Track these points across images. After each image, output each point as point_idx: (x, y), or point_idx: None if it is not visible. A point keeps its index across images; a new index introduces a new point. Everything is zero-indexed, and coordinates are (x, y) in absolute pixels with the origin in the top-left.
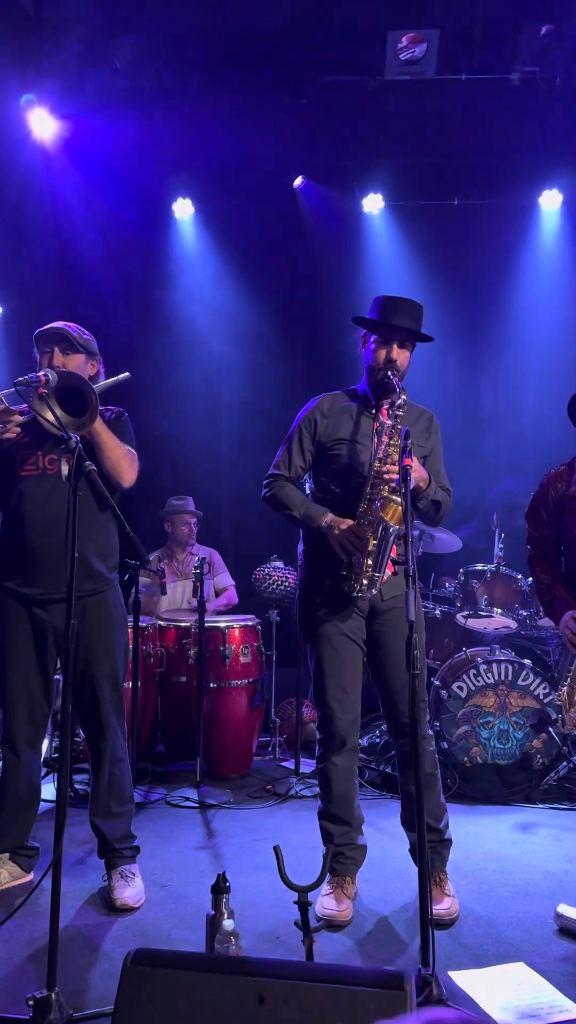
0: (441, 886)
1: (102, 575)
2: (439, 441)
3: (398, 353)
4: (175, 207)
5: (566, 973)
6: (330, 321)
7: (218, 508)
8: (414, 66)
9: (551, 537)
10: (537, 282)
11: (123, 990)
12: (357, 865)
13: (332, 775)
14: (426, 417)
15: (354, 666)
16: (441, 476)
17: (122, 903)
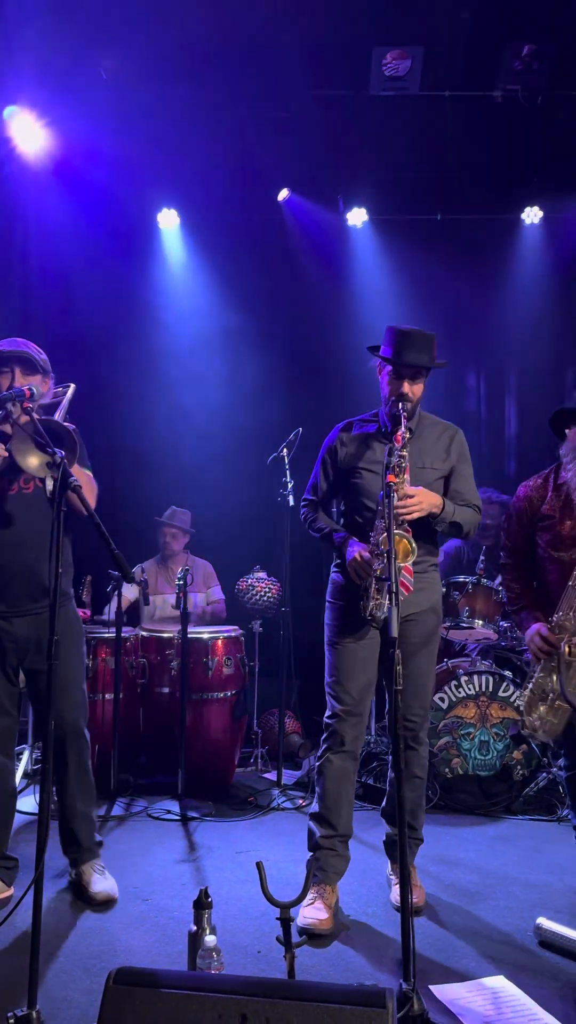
0: (411, 878)
1: (61, 590)
2: (464, 457)
3: (409, 387)
4: (160, 217)
5: (546, 986)
6: (315, 333)
7: (202, 519)
8: (398, 82)
9: (524, 549)
10: (518, 296)
11: (105, 1010)
12: (339, 874)
13: (327, 773)
14: (448, 435)
15: (362, 672)
16: (466, 493)
17: (105, 895)
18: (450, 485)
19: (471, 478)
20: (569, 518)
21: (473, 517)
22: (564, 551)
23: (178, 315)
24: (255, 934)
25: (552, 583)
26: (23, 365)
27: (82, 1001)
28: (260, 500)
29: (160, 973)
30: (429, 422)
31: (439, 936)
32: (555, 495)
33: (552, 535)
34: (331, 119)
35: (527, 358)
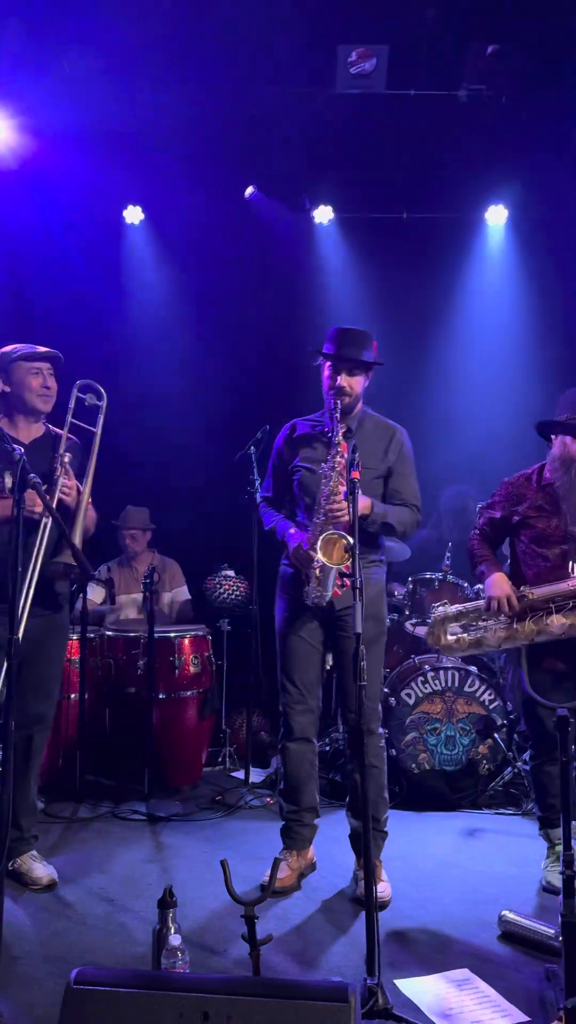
0: (376, 871)
1: (63, 594)
2: (403, 457)
3: (346, 380)
4: (125, 214)
5: (509, 977)
6: (282, 330)
7: (169, 517)
8: (364, 80)
9: (496, 531)
10: (483, 295)
11: (66, 1012)
12: (306, 840)
13: (285, 758)
14: (388, 434)
15: (307, 664)
16: (404, 492)
17: (49, 878)
18: (388, 485)
19: (411, 477)
20: (555, 517)
21: (410, 517)
22: (548, 548)
23: (143, 312)
24: (221, 932)
25: (531, 577)
26: (55, 366)
27: (46, 1004)
28: (227, 498)
29: (121, 973)
30: (372, 422)
31: (405, 930)
32: (541, 494)
33: (536, 532)
34: (297, 116)
35: (492, 356)
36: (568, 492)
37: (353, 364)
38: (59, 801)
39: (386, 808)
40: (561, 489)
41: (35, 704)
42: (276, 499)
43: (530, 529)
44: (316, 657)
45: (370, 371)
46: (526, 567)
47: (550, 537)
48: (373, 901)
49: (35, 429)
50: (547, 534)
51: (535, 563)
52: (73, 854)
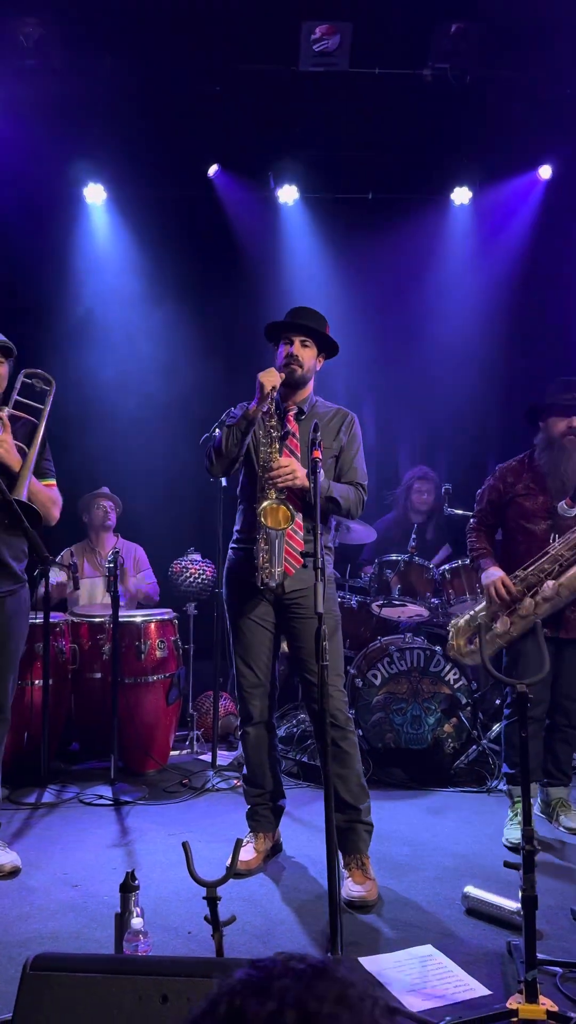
0: (363, 869)
1: (18, 575)
2: (353, 438)
3: (299, 349)
4: (86, 192)
5: (472, 952)
6: (248, 311)
7: (134, 502)
8: (328, 58)
9: (492, 519)
10: (448, 277)
11: (22, 997)
12: (271, 823)
13: (246, 743)
14: (339, 417)
15: (260, 647)
16: (351, 472)
17: (12, 866)
18: (337, 464)
19: (358, 459)
20: (542, 495)
21: (355, 495)
22: (534, 524)
23: (106, 292)
24: (186, 915)
25: (521, 553)
26: (6, 354)
27: (7, 991)
28: (192, 482)
29: (79, 958)
30: (323, 406)
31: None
32: (531, 475)
33: (524, 510)
34: (261, 94)
35: (457, 337)
36: (552, 469)
37: (304, 331)
38: (24, 787)
39: (367, 797)
40: (545, 467)
41: None
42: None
43: (518, 507)
44: (269, 639)
45: (322, 353)
46: (516, 543)
47: (536, 513)
48: (336, 877)
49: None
50: (533, 510)
51: (524, 539)
52: (38, 840)
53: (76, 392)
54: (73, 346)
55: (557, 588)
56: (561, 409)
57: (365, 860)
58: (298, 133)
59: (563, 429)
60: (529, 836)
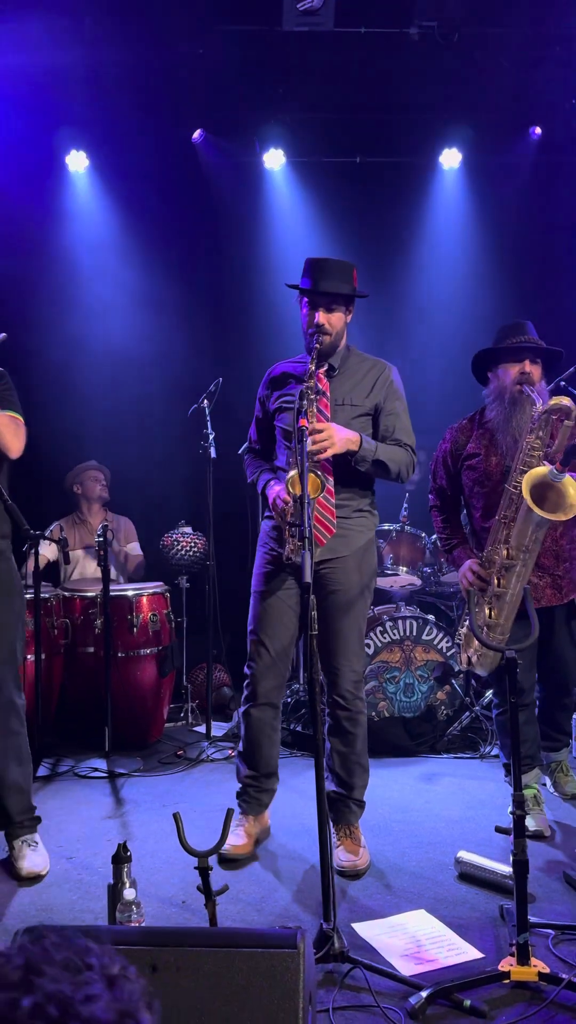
0: (353, 837)
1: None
2: (392, 394)
3: (325, 316)
4: (68, 159)
5: (464, 916)
6: (235, 279)
7: (124, 474)
8: (312, 17)
9: (450, 490)
10: (438, 242)
11: None
12: (262, 806)
13: (247, 723)
14: (376, 371)
15: (279, 625)
16: (398, 431)
17: (28, 871)
18: (378, 424)
19: (403, 416)
20: (494, 455)
21: (404, 457)
22: (490, 487)
23: (90, 262)
24: (180, 885)
25: (478, 520)
26: None
27: None
28: (182, 453)
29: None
30: (357, 359)
31: (364, 875)
32: (481, 433)
33: (478, 473)
34: (244, 56)
35: (449, 301)
36: (504, 424)
37: (331, 299)
38: None
39: (364, 777)
40: (497, 421)
41: None
42: (262, 448)
43: (473, 471)
44: (291, 619)
45: (352, 304)
46: (475, 509)
47: (492, 476)
48: (327, 844)
49: None
50: (489, 473)
51: (479, 504)
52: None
53: (61, 361)
54: (57, 314)
55: (508, 552)
56: (510, 354)
57: (354, 829)
58: (283, 96)
59: (515, 376)
60: (520, 801)
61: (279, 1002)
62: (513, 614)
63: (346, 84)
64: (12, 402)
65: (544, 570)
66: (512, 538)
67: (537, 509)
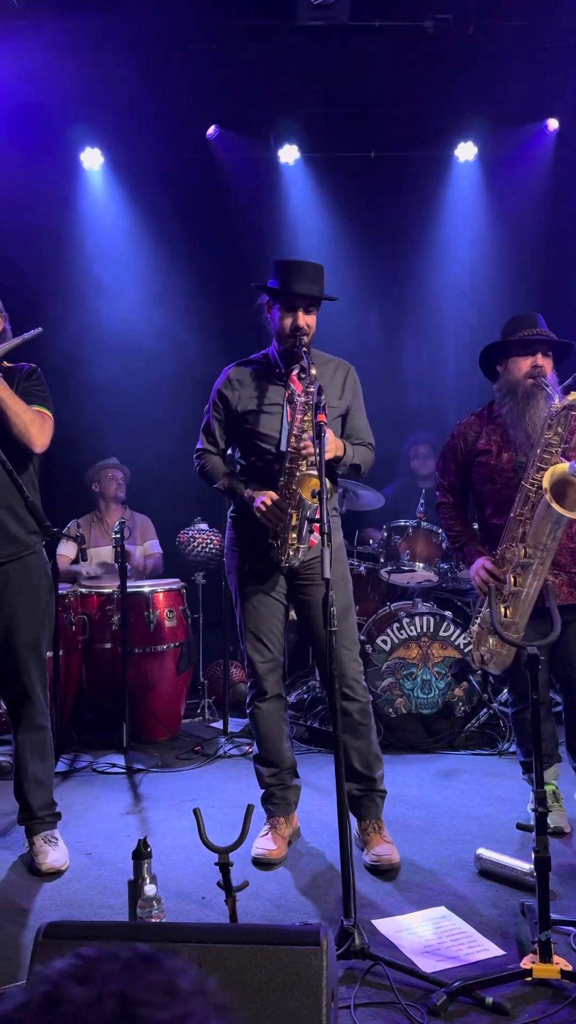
0: (380, 832)
1: (22, 540)
2: (357, 394)
3: (304, 319)
4: (83, 157)
5: (484, 913)
6: (248, 272)
7: (140, 470)
8: (326, 11)
9: (459, 486)
10: (454, 235)
11: (34, 964)
12: (290, 805)
13: (258, 719)
14: (341, 371)
15: (272, 620)
16: (361, 431)
17: (49, 867)
18: (346, 423)
19: (364, 414)
20: (506, 451)
21: (369, 456)
22: (501, 483)
23: (106, 259)
24: (199, 881)
25: (491, 516)
26: None
27: (24, 957)
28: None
29: (92, 925)
30: (321, 360)
31: (383, 871)
32: (491, 429)
33: (489, 469)
34: (259, 51)
35: (465, 298)
36: (516, 419)
37: (309, 302)
38: None
39: (381, 764)
40: (508, 416)
41: (10, 676)
42: (219, 449)
43: (484, 467)
44: (281, 611)
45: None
46: (486, 506)
47: (503, 472)
48: (347, 840)
49: None
50: (500, 469)
51: (491, 501)
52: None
53: (75, 357)
54: (73, 312)
55: (524, 550)
56: (522, 346)
57: (379, 823)
58: (298, 90)
59: (527, 370)
60: (542, 798)
61: (302, 999)
62: (528, 613)
63: (361, 78)
64: (41, 397)
65: (560, 568)
66: (529, 536)
67: (558, 507)
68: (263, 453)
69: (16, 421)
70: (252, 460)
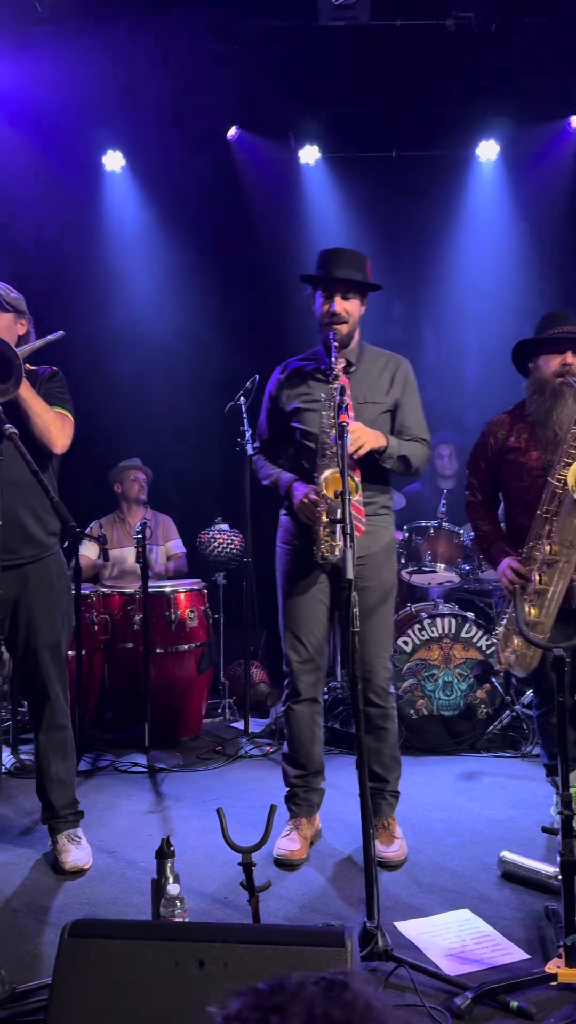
0: (389, 829)
1: (41, 541)
2: (409, 389)
3: (342, 304)
4: (105, 160)
5: (509, 916)
6: (269, 274)
7: (161, 471)
8: (348, 11)
9: (489, 485)
10: (476, 234)
11: (60, 962)
12: (313, 807)
13: (291, 720)
14: (391, 366)
15: (312, 620)
16: (412, 427)
17: (72, 865)
18: (395, 419)
19: (418, 410)
20: (534, 449)
21: (422, 451)
22: (529, 481)
23: (128, 261)
24: (222, 881)
25: (518, 515)
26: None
27: (48, 955)
28: (218, 451)
29: (116, 924)
30: (371, 354)
31: (405, 873)
32: (521, 427)
33: (518, 467)
34: (279, 52)
35: (487, 298)
36: (544, 417)
37: (347, 285)
38: None
39: (398, 769)
40: (536, 414)
41: (31, 677)
42: (271, 447)
43: (513, 465)
44: (324, 613)
45: (366, 296)
46: (513, 505)
47: (532, 470)
48: (371, 844)
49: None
50: (529, 467)
51: (518, 499)
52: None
53: (97, 358)
54: (95, 312)
55: (550, 547)
56: (551, 344)
57: (390, 821)
58: (318, 91)
59: (555, 368)
60: (568, 801)
61: None
62: (555, 612)
63: (382, 78)
64: (62, 399)
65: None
66: (555, 533)
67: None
68: (308, 451)
69: (37, 421)
70: (298, 458)
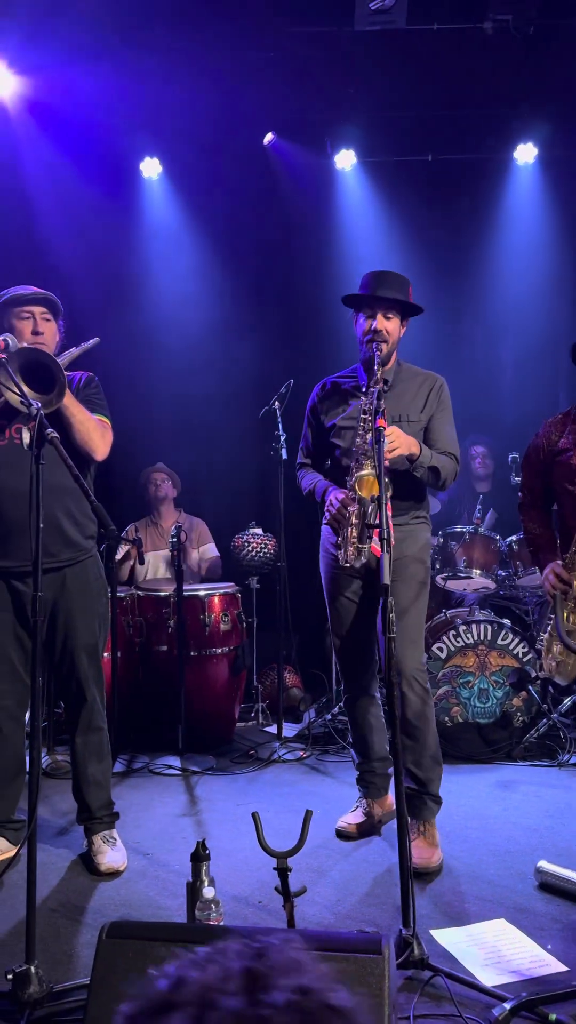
0: (427, 836)
1: (79, 544)
2: (443, 406)
3: (383, 323)
4: (142, 166)
5: (546, 928)
6: (306, 281)
7: (196, 476)
8: (384, 16)
9: (541, 487)
10: (513, 238)
11: (98, 964)
12: (379, 790)
13: (349, 713)
14: (428, 384)
15: (354, 620)
16: (443, 442)
17: (107, 867)
18: (427, 434)
19: (450, 426)
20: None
21: (451, 465)
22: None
23: (164, 267)
24: (256, 885)
25: (568, 517)
26: (47, 309)
27: (83, 955)
28: (253, 455)
29: (153, 926)
30: (409, 373)
31: (441, 882)
32: (574, 428)
33: (569, 469)
34: (316, 58)
35: (524, 303)
36: None
37: (389, 304)
38: None
39: (439, 767)
40: None
41: (68, 679)
42: (315, 463)
43: (563, 467)
44: (362, 612)
45: (406, 318)
46: (565, 507)
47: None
48: (407, 851)
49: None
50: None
51: (569, 501)
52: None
53: (133, 362)
54: (131, 319)
55: None
56: None
57: (426, 827)
58: (355, 96)
59: None
60: None
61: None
62: None
63: (418, 82)
64: (101, 406)
65: None
66: None
67: None
68: (341, 464)
69: (80, 429)
70: (336, 474)
